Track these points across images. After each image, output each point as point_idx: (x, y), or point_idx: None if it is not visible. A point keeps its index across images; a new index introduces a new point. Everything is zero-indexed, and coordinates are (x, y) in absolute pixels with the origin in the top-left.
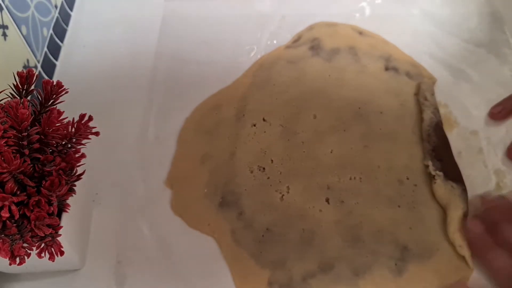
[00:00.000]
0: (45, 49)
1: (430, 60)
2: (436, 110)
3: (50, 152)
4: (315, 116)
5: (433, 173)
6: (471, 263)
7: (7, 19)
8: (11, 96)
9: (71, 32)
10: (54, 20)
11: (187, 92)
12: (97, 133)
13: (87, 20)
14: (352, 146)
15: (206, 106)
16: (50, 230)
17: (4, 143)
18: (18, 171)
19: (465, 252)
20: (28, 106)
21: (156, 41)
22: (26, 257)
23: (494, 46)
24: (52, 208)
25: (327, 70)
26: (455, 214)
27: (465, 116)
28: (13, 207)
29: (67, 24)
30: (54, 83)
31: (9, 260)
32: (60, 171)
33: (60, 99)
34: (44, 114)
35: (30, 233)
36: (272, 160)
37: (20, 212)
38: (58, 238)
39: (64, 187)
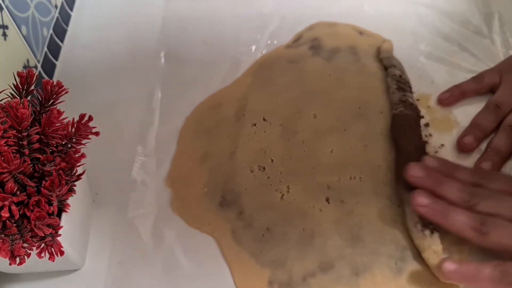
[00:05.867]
0: (45, 49)
1: (430, 58)
2: (399, 104)
3: (50, 152)
4: (315, 116)
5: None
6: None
7: (7, 19)
8: (11, 96)
9: (71, 32)
10: (54, 20)
11: (187, 92)
12: (97, 133)
13: (87, 20)
14: (352, 145)
15: (206, 106)
16: (50, 230)
17: (4, 143)
18: (18, 171)
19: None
20: (28, 106)
21: (156, 41)
22: (26, 257)
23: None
24: (52, 208)
25: (327, 69)
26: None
27: (465, 115)
28: (13, 207)
29: (67, 24)
30: (54, 83)
31: (9, 260)
32: (60, 171)
33: (60, 99)
34: (44, 114)
35: (30, 233)
36: (272, 160)
37: (20, 212)
38: (58, 238)
39: (64, 187)
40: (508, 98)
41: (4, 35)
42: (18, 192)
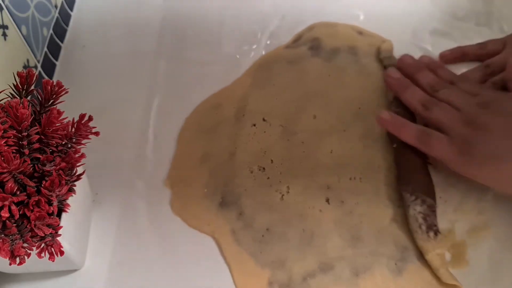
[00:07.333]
0: (45, 49)
1: None
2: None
3: (50, 152)
4: (315, 116)
5: None
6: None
7: (7, 19)
8: (11, 96)
9: (71, 32)
10: (54, 20)
11: (187, 92)
12: (97, 133)
13: (87, 20)
14: (352, 146)
15: (206, 106)
16: (50, 230)
17: (4, 143)
18: (18, 171)
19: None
20: (28, 106)
21: (156, 41)
22: (26, 257)
23: None
24: (52, 208)
25: (327, 70)
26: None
27: None
28: (13, 207)
29: (67, 24)
30: (54, 83)
31: (9, 260)
32: (60, 171)
33: (60, 99)
34: (44, 114)
35: (30, 233)
36: (272, 160)
37: (20, 212)
38: (58, 238)
39: (64, 187)
40: (500, 61)
41: (4, 35)
42: (18, 192)
